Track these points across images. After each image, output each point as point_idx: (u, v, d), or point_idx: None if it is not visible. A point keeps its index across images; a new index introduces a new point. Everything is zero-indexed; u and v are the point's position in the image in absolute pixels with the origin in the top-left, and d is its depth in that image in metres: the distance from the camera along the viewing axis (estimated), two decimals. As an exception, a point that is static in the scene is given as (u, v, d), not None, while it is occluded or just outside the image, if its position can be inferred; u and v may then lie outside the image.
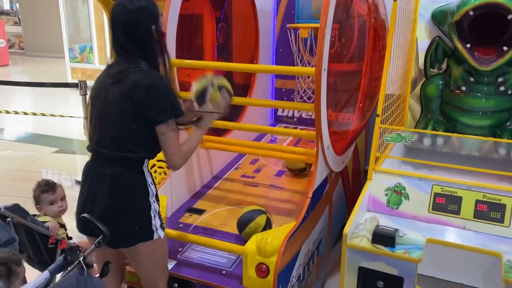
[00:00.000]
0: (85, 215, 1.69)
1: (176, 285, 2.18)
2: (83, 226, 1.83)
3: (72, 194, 2.68)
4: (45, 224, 2.24)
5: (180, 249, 2.33)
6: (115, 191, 1.80)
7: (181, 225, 2.52)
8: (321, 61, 2.07)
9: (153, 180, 1.90)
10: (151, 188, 1.86)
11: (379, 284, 2.00)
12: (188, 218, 2.58)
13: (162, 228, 1.90)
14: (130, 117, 1.75)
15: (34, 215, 2.31)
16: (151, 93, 1.72)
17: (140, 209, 1.83)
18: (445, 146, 2.80)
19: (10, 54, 13.87)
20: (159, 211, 1.90)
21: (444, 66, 2.77)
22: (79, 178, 4.67)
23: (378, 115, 2.29)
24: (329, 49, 2.16)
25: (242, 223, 2.31)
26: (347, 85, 2.82)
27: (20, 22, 15.88)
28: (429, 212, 2.18)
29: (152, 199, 1.85)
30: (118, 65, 1.80)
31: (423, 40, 2.81)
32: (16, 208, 2.06)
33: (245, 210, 2.36)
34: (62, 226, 2.42)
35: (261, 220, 2.28)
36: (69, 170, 5.20)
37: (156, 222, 1.86)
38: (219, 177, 3.07)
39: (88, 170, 1.88)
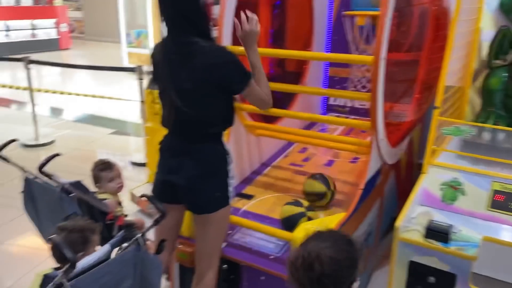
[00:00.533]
0: (144, 194, 1.76)
1: (225, 266, 2.23)
2: (162, 192, 1.98)
3: (126, 175, 2.80)
4: (104, 201, 2.35)
5: (230, 232, 2.38)
6: (201, 162, 1.93)
7: (230, 209, 2.56)
8: (380, 49, 2.02)
9: (229, 149, 2.02)
10: (229, 157, 1.99)
11: (430, 280, 1.95)
12: (238, 202, 2.63)
13: (232, 194, 2.04)
14: (209, 97, 1.85)
15: (94, 193, 2.44)
16: (224, 70, 1.81)
17: (222, 177, 1.97)
18: (506, 142, 2.67)
19: (71, 38, 14.53)
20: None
21: (509, 58, 2.63)
22: (134, 159, 4.90)
23: (436, 107, 2.22)
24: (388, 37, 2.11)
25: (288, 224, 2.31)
26: (405, 75, 2.74)
27: (81, 8, 16.55)
28: (487, 209, 2.10)
29: (230, 167, 1.99)
30: (175, 45, 1.85)
31: (489, 30, 2.67)
32: (78, 185, 2.18)
33: (288, 212, 2.34)
34: (119, 203, 2.53)
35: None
36: (124, 151, 5.41)
37: (231, 188, 2.01)
38: (268, 164, 3.09)
39: (170, 144, 2.01)
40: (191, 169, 1.93)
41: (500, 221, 2.06)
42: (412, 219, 2.10)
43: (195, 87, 1.83)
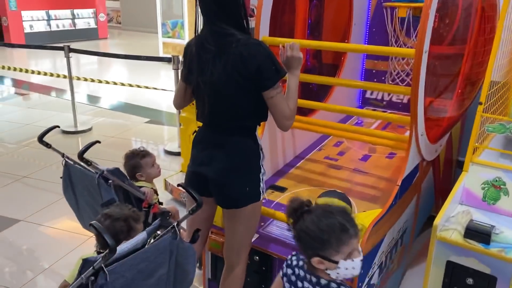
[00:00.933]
0: (181, 184, 1.78)
1: (257, 257, 2.24)
2: (193, 184, 1.96)
3: (160, 163, 2.85)
4: (141, 189, 2.40)
5: (262, 224, 2.38)
6: (232, 155, 1.92)
7: (263, 201, 2.56)
8: (423, 42, 1.96)
9: (261, 144, 2.00)
10: (262, 152, 1.98)
11: (469, 281, 1.89)
12: (271, 194, 2.62)
13: (264, 190, 2.01)
14: (242, 90, 1.83)
15: (130, 180, 2.49)
16: (257, 64, 1.78)
17: (253, 172, 1.95)
18: (554, 141, 2.55)
19: (108, 28, 14.84)
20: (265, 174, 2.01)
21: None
22: (168, 148, 4.97)
23: (481, 103, 2.13)
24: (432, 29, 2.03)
25: None
26: (447, 70, 2.65)
27: (118, -2, 16.84)
28: (532, 211, 2.02)
29: (262, 162, 1.98)
30: (212, 36, 1.84)
31: (538, 22, 2.54)
32: (116, 172, 2.22)
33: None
34: (155, 191, 2.58)
35: None
36: (158, 140, 5.50)
37: (263, 184, 1.98)
38: (302, 157, 3.07)
39: (203, 136, 2.01)
40: (222, 162, 1.92)
41: (546, 224, 1.98)
42: (451, 218, 2.04)
43: (228, 79, 1.82)
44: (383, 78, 3.50)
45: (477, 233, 1.87)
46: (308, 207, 1.49)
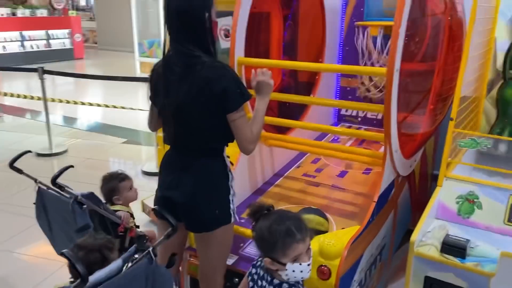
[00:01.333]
0: (155, 207, 1.76)
1: (237, 280, 2.21)
2: (163, 208, 1.90)
3: (138, 183, 2.82)
4: (117, 213, 2.36)
5: (241, 245, 2.36)
6: (200, 178, 1.89)
7: (242, 221, 2.54)
8: (394, 61, 2.00)
9: (230, 165, 1.98)
10: (230, 173, 1.96)
11: (447, 296, 1.91)
12: (250, 214, 2.60)
13: (234, 212, 1.98)
14: (207, 112, 1.82)
15: (106, 203, 2.45)
16: (222, 86, 1.77)
17: (222, 194, 1.93)
18: (523, 154, 2.62)
19: (84, 48, 14.72)
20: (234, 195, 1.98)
21: (525, 68, 2.59)
22: (145, 168, 4.91)
23: (452, 119, 2.18)
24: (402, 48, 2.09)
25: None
26: (419, 86, 2.71)
27: (94, 18, 16.80)
28: (505, 223, 2.05)
29: (231, 183, 1.95)
30: (177, 57, 1.83)
31: (503, 40, 2.63)
32: (91, 196, 2.18)
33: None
34: (131, 215, 2.54)
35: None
36: (135, 160, 5.44)
37: (233, 205, 1.95)
38: (281, 174, 3.07)
39: (170, 159, 1.98)
40: (189, 185, 1.88)
41: (519, 236, 2.02)
42: (428, 233, 2.06)
43: (193, 101, 1.81)
44: (357, 95, 3.56)
45: (453, 248, 1.89)
46: (268, 211, 1.62)
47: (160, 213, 1.78)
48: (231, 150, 2.02)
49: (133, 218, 2.55)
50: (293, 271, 1.55)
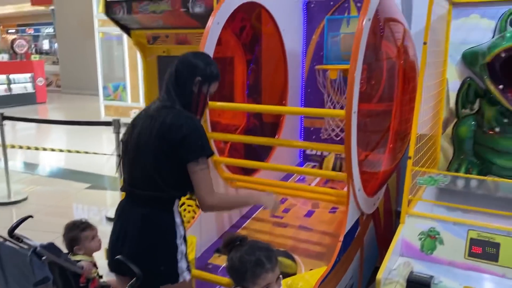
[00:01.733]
0: (119, 257, 1.71)
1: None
2: (115, 265, 1.86)
3: (102, 230, 2.74)
4: (78, 263, 2.27)
5: (209, 291, 2.31)
6: (144, 231, 1.83)
7: (210, 266, 2.51)
8: (351, 104, 2.08)
9: (182, 220, 1.92)
10: (179, 229, 1.88)
11: (415, 334, 1.92)
12: (217, 259, 2.57)
13: (189, 270, 1.90)
14: (162, 156, 1.80)
15: (67, 254, 2.36)
16: (183, 134, 1.78)
17: (167, 250, 1.85)
18: (480, 188, 2.73)
19: (47, 92, 14.52)
20: (186, 253, 1.90)
21: (476, 106, 2.74)
22: (110, 214, 4.78)
23: (409, 158, 2.26)
24: (359, 90, 2.18)
25: None
26: (378, 126, 2.82)
27: (58, 61, 16.69)
28: (465, 258, 2.11)
29: (179, 241, 1.87)
30: (157, 108, 1.88)
31: (454, 80, 2.80)
32: (51, 247, 2.09)
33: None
34: (94, 264, 2.45)
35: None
36: (100, 206, 5.29)
37: (182, 264, 1.87)
38: (248, 216, 3.06)
39: (121, 209, 1.94)
40: (134, 239, 1.83)
41: (480, 270, 2.07)
42: (393, 271, 2.08)
43: (152, 145, 1.81)
44: (320, 134, 3.65)
45: (418, 285, 1.92)
46: (241, 241, 1.67)
47: (114, 268, 1.74)
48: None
49: (96, 268, 2.46)
50: None
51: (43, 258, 2.02)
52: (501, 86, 2.39)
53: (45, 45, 19.83)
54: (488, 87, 2.45)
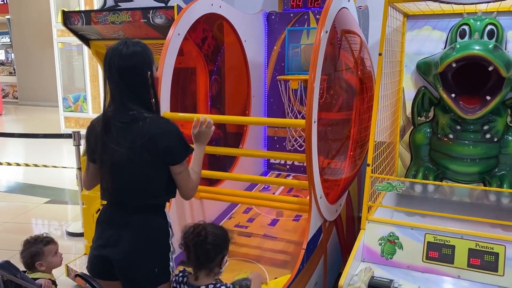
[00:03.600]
0: (80, 273, 1.67)
1: None
2: (97, 268, 1.88)
3: (64, 245, 2.66)
4: (37, 281, 2.19)
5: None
6: (139, 235, 1.84)
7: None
8: (311, 113, 2.13)
9: (170, 221, 1.95)
10: (171, 230, 1.93)
11: (376, 338, 1.97)
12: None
13: (173, 269, 1.94)
14: (152, 168, 1.82)
15: (24, 271, 2.28)
16: (167, 142, 1.81)
17: (162, 251, 1.88)
18: (436, 193, 2.84)
19: (3, 104, 14.00)
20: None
21: (431, 114, 2.86)
22: (71, 229, 4.64)
23: (368, 165, 2.33)
24: (318, 100, 2.23)
25: None
26: (338, 134, 2.88)
27: (15, 72, 16.13)
28: (423, 261, 2.18)
29: (171, 241, 1.91)
30: (118, 113, 1.82)
31: (410, 89, 2.91)
32: (6, 265, 2.02)
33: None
34: (53, 282, 2.37)
35: None
36: (60, 220, 5.13)
37: (172, 263, 1.91)
38: (213, 227, 3.05)
39: (108, 215, 1.91)
40: (129, 243, 1.83)
41: (437, 272, 2.15)
42: (355, 277, 2.13)
43: (137, 156, 1.80)
44: (284, 143, 3.70)
45: (379, 289, 1.97)
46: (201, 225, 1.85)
47: (95, 272, 1.71)
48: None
49: (55, 286, 2.39)
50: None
51: (-2, 277, 1.95)
52: (453, 95, 2.49)
53: (1, 55, 19.15)
54: (441, 96, 2.56)
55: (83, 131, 2.05)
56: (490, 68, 2.33)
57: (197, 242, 1.79)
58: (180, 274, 1.91)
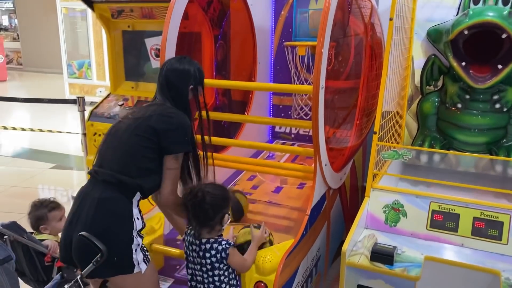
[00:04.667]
0: (83, 233, 1.67)
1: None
2: (64, 246, 1.82)
3: (68, 210, 2.69)
4: (43, 242, 2.23)
5: (177, 267, 2.32)
6: (99, 217, 1.75)
7: (178, 242, 2.50)
8: (319, 79, 2.09)
9: (140, 214, 1.86)
10: (136, 222, 1.81)
11: (378, 302, 1.99)
12: (186, 235, 2.56)
13: (146, 261, 1.83)
14: (144, 141, 1.82)
15: (31, 233, 2.31)
16: (171, 124, 1.84)
17: (121, 241, 1.77)
18: (442, 163, 2.82)
19: (8, 70, 13.93)
20: (142, 245, 1.84)
21: (440, 83, 2.80)
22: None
23: (375, 133, 2.30)
24: (326, 67, 2.18)
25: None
26: (344, 102, 2.85)
27: (18, 38, 15.98)
28: (427, 229, 2.19)
29: (135, 233, 1.80)
30: (150, 104, 1.99)
31: (419, 58, 2.85)
32: (13, 226, 2.05)
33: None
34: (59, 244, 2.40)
35: None
36: (66, 186, 5.18)
37: (138, 256, 1.79)
38: (217, 193, 3.06)
39: (79, 193, 1.87)
40: (88, 223, 1.73)
41: (440, 240, 2.15)
42: (358, 243, 2.14)
43: (133, 124, 1.84)
44: (289, 112, 3.66)
45: (381, 255, 1.98)
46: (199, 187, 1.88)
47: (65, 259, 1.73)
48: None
49: (62, 247, 2.42)
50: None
51: (5, 237, 1.97)
52: (463, 63, 2.44)
53: (4, 21, 18.93)
54: (451, 64, 2.50)
55: (88, 98, 2.08)
56: (504, 36, 2.26)
57: (194, 203, 1.83)
58: (190, 227, 1.95)
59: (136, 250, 1.79)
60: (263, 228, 2.12)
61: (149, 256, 1.88)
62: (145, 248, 1.86)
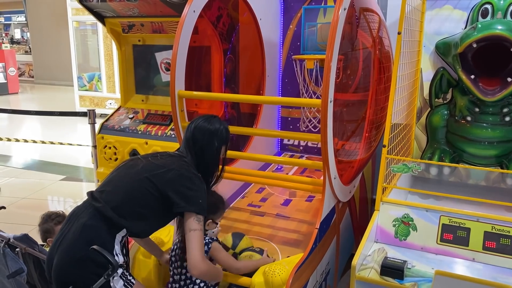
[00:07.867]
0: (95, 247, 1.67)
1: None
2: (47, 269, 1.80)
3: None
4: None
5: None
6: (80, 243, 1.72)
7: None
8: (327, 92, 2.10)
9: (123, 251, 1.81)
10: (114, 269, 1.71)
11: (388, 317, 1.97)
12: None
13: (128, 286, 1.78)
14: (146, 186, 1.82)
15: (42, 245, 2.33)
16: (179, 177, 1.86)
17: (97, 270, 1.70)
18: (452, 176, 2.80)
19: (20, 82, 14.15)
20: (123, 271, 1.78)
21: (449, 96, 2.80)
22: (86, 206, 4.70)
23: (384, 146, 2.30)
24: (335, 80, 2.20)
25: None
26: (353, 115, 2.85)
27: (30, 51, 16.24)
28: (437, 243, 2.17)
29: (113, 280, 1.73)
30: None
31: (428, 70, 2.85)
32: (25, 238, 2.07)
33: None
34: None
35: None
36: (76, 198, 5.21)
37: (116, 284, 1.74)
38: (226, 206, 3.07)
39: (72, 211, 1.87)
40: (70, 246, 1.72)
41: (451, 254, 2.13)
42: (368, 257, 2.13)
43: (144, 172, 1.85)
44: (298, 124, 3.67)
45: (392, 270, 1.97)
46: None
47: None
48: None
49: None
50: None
51: (17, 249, 1.99)
52: (472, 76, 2.44)
53: (17, 34, 19.26)
54: (460, 77, 2.51)
55: (98, 110, 2.10)
56: (512, 49, 2.26)
57: None
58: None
59: (113, 278, 1.73)
60: (265, 254, 2.22)
61: (132, 280, 1.80)
62: (126, 274, 1.79)
